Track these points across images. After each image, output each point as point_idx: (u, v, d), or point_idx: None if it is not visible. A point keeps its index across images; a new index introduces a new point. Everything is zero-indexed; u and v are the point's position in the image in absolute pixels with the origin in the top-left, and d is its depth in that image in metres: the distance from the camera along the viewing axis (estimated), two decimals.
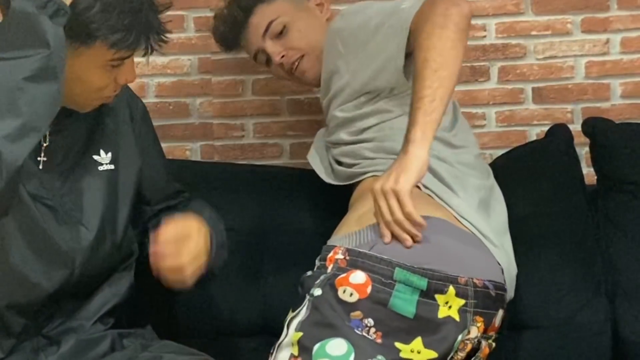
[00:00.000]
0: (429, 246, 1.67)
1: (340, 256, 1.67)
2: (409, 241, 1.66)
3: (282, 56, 2.05)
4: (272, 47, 2.06)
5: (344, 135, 1.94)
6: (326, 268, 1.67)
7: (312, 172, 2.14)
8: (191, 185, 2.04)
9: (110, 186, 1.69)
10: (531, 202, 2.01)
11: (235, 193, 2.13)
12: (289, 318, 1.67)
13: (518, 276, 1.84)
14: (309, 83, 2.12)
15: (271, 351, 1.68)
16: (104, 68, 1.56)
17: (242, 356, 1.87)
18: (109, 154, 1.70)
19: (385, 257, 1.64)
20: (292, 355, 1.63)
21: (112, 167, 1.70)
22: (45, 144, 1.62)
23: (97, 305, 1.69)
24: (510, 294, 1.81)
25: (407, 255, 1.65)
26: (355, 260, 1.65)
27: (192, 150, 2.42)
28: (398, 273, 1.63)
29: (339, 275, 1.65)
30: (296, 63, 2.05)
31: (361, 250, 1.66)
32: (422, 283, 1.63)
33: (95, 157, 1.68)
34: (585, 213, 2.02)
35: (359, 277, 1.63)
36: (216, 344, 1.83)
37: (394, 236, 1.67)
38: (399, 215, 1.65)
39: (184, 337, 1.81)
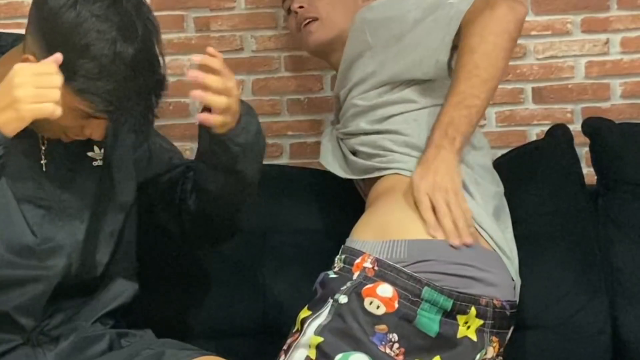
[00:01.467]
0: (458, 272, 1.66)
1: (368, 265, 1.65)
2: (458, 240, 1.67)
3: (301, 7, 2.03)
4: None
5: (363, 124, 1.89)
6: (352, 274, 1.65)
7: (313, 171, 2.14)
8: None
9: (103, 181, 1.69)
10: (531, 202, 2.01)
11: None
12: (307, 318, 1.65)
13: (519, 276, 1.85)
14: (308, 45, 2.06)
15: (284, 348, 1.67)
16: (72, 111, 1.50)
17: (242, 356, 1.87)
18: (102, 150, 1.69)
19: (417, 275, 1.63)
20: (308, 358, 1.61)
21: (100, 163, 1.69)
22: (44, 147, 1.62)
23: (99, 306, 1.70)
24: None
25: (438, 278, 1.64)
26: (384, 272, 1.63)
27: (192, 150, 2.41)
28: (426, 292, 1.62)
29: (366, 284, 1.63)
30: (308, 21, 2.03)
31: (391, 263, 1.64)
32: (448, 304, 1.63)
33: (90, 153, 1.68)
34: (585, 213, 2.02)
35: (386, 290, 1.62)
36: (216, 344, 1.83)
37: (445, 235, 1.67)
38: (457, 211, 1.67)
39: (184, 337, 1.81)
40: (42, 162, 1.62)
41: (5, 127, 1.43)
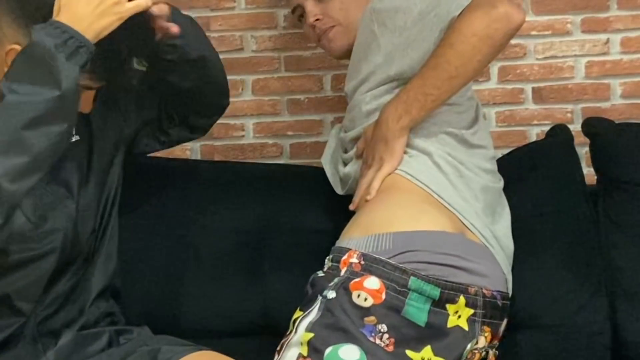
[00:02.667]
0: (443, 261, 1.67)
1: (354, 260, 1.66)
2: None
3: (317, 19, 2.01)
4: (311, 7, 2.02)
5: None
6: (339, 270, 1.67)
7: (313, 170, 2.14)
8: (191, 185, 2.04)
9: (83, 154, 1.73)
10: (531, 202, 2.00)
11: (235, 193, 2.13)
12: (297, 317, 1.67)
13: (518, 275, 1.85)
14: (332, 52, 2.07)
15: (278, 349, 1.68)
16: None
17: (242, 356, 1.86)
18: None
19: (402, 266, 1.64)
20: (300, 355, 1.62)
21: (78, 137, 1.72)
22: None
23: (91, 286, 1.72)
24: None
25: (423, 268, 1.65)
26: (370, 265, 1.64)
27: (192, 150, 2.42)
28: (413, 282, 1.63)
29: (353, 279, 1.64)
30: (327, 31, 2.02)
31: (377, 256, 1.65)
32: (435, 293, 1.64)
33: None
34: (585, 213, 2.02)
35: (373, 282, 1.63)
36: (216, 344, 1.82)
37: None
38: (368, 179, 1.80)
39: (184, 337, 1.81)
40: None
41: (104, 32, 1.50)
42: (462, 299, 1.65)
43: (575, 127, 2.20)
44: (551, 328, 1.90)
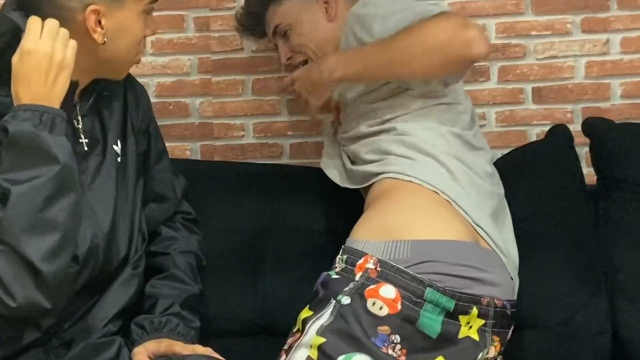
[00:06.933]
0: (459, 273, 1.67)
1: (370, 266, 1.65)
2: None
3: (289, 58, 2.07)
4: (281, 48, 2.09)
5: (363, 128, 1.90)
6: (354, 275, 1.66)
7: (313, 171, 2.14)
8: (191, 185, 2.04)
9: (121, 175, 1.72)
10: (531, 202, 2.01)
11: (235, 193, 2.13)
12: (308, 318, 1.65)
13: (518, 275, 1.85)
14: None
15: (285, 348, 1.67)
16: (142, 15, 1.61)
17: (242, 356, 1.87)
18: (119, 145, 1.72)
19: (419, 276, 1.63)
20: (309, 358, 1.61)
21: (121, 158, 1.72)
22: (80, 126, 1.65)
23: (110, 305, 1.69)
24: None
25: (440, 279, 1.64)
26: (387, 273, 1.64)
27: (192, 150, 2.42)
28: (429, 293, 1.63)
29: (369, 285, 1.63)
30: (301, 65, 2.05)
31: (394, 264, 1.64)
32: (450, 304, 1.63)
33: (115, 147, 1.71)
34: (585, 213, 2.02)
35: (389, 291, 1.62)
36: (216, 343, 1.83)
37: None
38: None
39: None
40: (83, 140, 1.65)
41: (64, 91, 1.51)
42: (475, 310, 1.65)
43: (575, 127, 2.20)
44: (551, 328, 1.90)
